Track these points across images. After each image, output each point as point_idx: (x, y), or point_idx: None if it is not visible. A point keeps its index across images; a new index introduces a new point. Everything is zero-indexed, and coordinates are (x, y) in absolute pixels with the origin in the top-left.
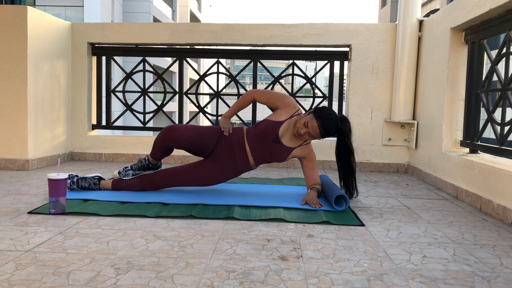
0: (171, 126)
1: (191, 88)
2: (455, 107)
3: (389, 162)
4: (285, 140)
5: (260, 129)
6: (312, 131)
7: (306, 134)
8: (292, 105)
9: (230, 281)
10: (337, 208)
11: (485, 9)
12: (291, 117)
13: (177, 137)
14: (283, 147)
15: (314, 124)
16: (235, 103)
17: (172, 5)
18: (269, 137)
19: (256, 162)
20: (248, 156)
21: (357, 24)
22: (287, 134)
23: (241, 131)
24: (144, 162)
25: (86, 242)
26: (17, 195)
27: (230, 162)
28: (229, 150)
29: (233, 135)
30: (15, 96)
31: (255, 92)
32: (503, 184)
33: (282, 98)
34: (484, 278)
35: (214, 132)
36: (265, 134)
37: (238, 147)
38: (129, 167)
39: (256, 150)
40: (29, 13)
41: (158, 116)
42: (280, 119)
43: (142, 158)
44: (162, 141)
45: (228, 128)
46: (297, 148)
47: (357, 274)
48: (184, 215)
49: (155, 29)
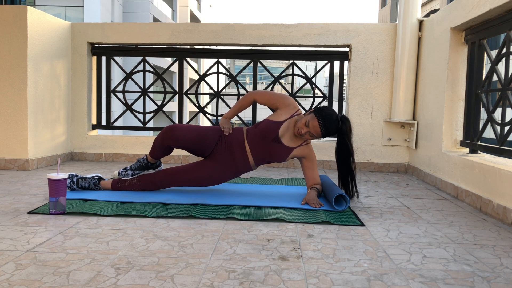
0: (172, 126)
1: (191, 88)
2: (455, 107)
3: (389, 162)
4: (285, 140)
5: (260, 129)
6: (313, 131)
7: (307, 134)
8: (292, 105)
9: (230, 281)
10: (337, 208)
11: (485, 9)
12: (291, 117)
13: (178, 136)
14: (283, 147)
15: (315, 124)
16: (236, 104)
17: (172, 5)
18: (269, 137)
19: (256, 162)
20: (248, 156)
21: (357, 24)
22: (287, 134)
23: (241, 131)
24: (142, 162)
25: (86, 242)
26: (17, 195)
27: (230, 162)
28: (229, 151)
29: (233, 135)
30: (15, 96)
31: (255, 93)
32: (503, 184)
33: (282, 98)
34: (484, 278)
35: (214, 133)
36: (265, 134)
37: (238, 147)
38: (128, 168)
39: (256, 150)
40: (29, 13)
41: (158, 116)
42: (280, 119)
43: (140, 158)
44: (162, 140)
45: (228, 128)
46: (297, 148)
47: (357, 274)
48: (184, 215)
49: (155, 29)
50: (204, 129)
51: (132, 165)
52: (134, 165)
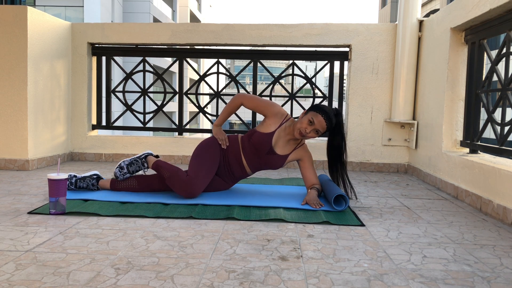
0: (187, 182)
1: (191, 88)
2: (455, 107)
3: (389, 162)
4: (279, 149)
5: (254, 143)
6: (319, 126)
7: (312, 132)
8: (280, 113)
9: (230, 281)
10: (337, 208)
11: (485, 9)
12: (281, 125)
13: (198, 191)
14: (277, 156)
15: (320, 119)
16: (224, 110)
17: (172, 5)
18: (263, 150)
19: (253, 171)
20: (245, 169)
21: (357, 24)
22: (280, 142)
23: (236, 142)
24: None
25: (86, 242)
26: (17, 195)
27: (229, 175)
28: (227, 166)
29: (229, 150)
30: (15, 96)
31: (243, 97)
32: (503, 184)
33: (270, 106)
34: (484, 278)
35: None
36: (259, 147)
37: (236, 162)
38: (125, 170)
39: (253, 162)
40: (29, 13)
41: (158, 116)
42: (270, 130)
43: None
44: (180, 193)
45: (224, 140)
46: (292, 153)
47: (357, 274)
48: (184, 216)
49: (155, 29)
50: (213, 167)
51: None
52: (132, 167)
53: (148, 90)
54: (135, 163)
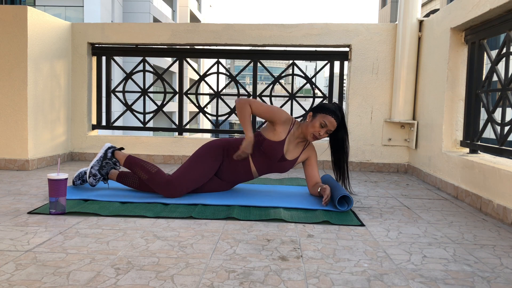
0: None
1: (191, 88)
2: (455, 107)
3: (389, 162)
4: (289, 155)
5: (265, 151)
6: (331, 126)
7: (325, 133)
8: (288, 119)
9: (230, 281)
10: (340, 209)
11: (485, 9)
12: (289, 132)
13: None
14: (288, 162)
15: (331, 120)
16: (245, 120)
17: (172, 5)
18: (275, 158)
19: (261, 174)
20: (252, 174)
21: (357, 24)
22: (290, 147)
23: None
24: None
25: (86, 242)
26: (17, 195)
27: (233, 179)
28: (233, 170)
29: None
30: (15, 96)
31: (250, 103)
32: (503, 184)
33: (277, 113)
34: (484, 278)
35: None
36: (270, 155)
37: (242, 167)
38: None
39: (262, 168)
40: (29, 13)
41: (158, 116)
42: (280, 138)
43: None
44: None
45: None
46: (301, 155)
47: (357, 274)
48: (184, 216)
49: (155, 29)
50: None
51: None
52: (104, 170)
53: (148, 90)
54: (106, 166)
